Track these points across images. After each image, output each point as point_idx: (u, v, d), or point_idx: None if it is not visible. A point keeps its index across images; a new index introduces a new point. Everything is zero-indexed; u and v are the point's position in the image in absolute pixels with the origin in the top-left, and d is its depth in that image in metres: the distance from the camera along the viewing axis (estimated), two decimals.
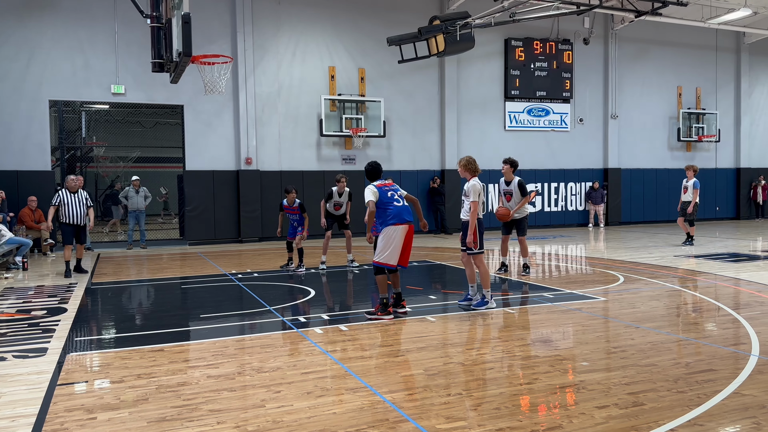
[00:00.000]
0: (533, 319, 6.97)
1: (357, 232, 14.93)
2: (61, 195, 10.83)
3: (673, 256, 12.38)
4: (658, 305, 7.66)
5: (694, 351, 5.60)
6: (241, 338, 6.38)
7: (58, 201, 10.78)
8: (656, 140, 22.28)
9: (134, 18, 13.74)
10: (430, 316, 7.11)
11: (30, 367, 5.30)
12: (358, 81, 18.10)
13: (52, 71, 15.31)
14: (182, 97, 16.27)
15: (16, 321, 7.20)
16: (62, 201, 10.75)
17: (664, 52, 22.08)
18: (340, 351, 5.67)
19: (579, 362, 5.22)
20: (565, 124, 20.79)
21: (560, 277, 9.90)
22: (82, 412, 4.18)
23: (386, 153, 18.49)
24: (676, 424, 3.83)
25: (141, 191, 15.93)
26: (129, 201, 15.84)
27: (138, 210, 15.82)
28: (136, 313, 8.13)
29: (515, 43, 19.76)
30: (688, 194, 14.23)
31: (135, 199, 15.76)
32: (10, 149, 14.99)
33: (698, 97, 22.72)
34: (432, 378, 4.83)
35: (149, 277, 10.89)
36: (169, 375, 4.99)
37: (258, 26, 17.00)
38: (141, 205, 15.83)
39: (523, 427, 3.82)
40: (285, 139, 17.43)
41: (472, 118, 19.55)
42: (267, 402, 4.34)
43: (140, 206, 15.82)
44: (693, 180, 14.12)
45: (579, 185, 20.99)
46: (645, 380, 4.69)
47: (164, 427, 3.91)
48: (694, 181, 14.14)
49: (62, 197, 10.79)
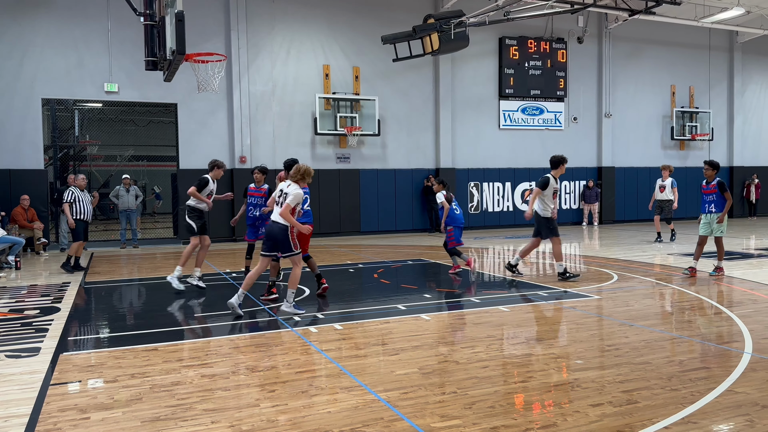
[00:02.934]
0: (528, 318, 6.98)
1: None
2: (75, 192, 11.17)
3: (667, 254, 12.42)
4: (652, 303, 7.69)
5: (687, 349, 5.62)
6: (236, 337, 6.37)
7: (73, 198, 11.10)
8: (650, 139, 22.36)
9: (128, 16, 13.68)
10: (425, 315, 7.11)
11: (23, 366, 5.28)
12: (352, 79, 18.08)
13: (45, 69, 15.23)
14: (176, 96, 16.21)
15: (9, 321, 7.16)
16: (77, 198, 11.11)
17: (658, 51, 22.15)
18: (334, 350, 5.66)
19: (573, 360, 5.24)
20: (559, 123, 20.83)
21: (554, 276, 9.92)
22: (75, 412, 4.16)
23: (381, 152, 18.48)
24: (669, 422, 3.85)
25: (132, 190, 15.75)
26: (120, 200, 15.66)
27: (129, 209, 15.67)
28: (130, 313, 8.10)
29: (509, 42, 19.78)
30: (665, 193, 14.43)
31: (126, 198, 15.58)
32: (3, 147, 14.90)
33: (691, 95, 22.81)
34: (427, 376, 4.83)
35: (143, 276, 10.85)
36: (163, 374, 4.97)
37: (252, 24, 16.95)
38: (132, 204, 15.66)
39: (518, 426, 3.83)
40: (279, 137, 17.39)
41: (466, 117, 19.56)
42: (261, 401, 4.33)
43: (131, 205, 15.65)
44: (670, 179, 14.38)
45: (573, 184, 21.04)
46: (639, 378, 4.71)
47: (158, 426, 3.90)
48: (671, 180, 14.42)
49: (76, 195, 11.14)
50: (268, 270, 7.96)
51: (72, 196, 11.10)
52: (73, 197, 11.10)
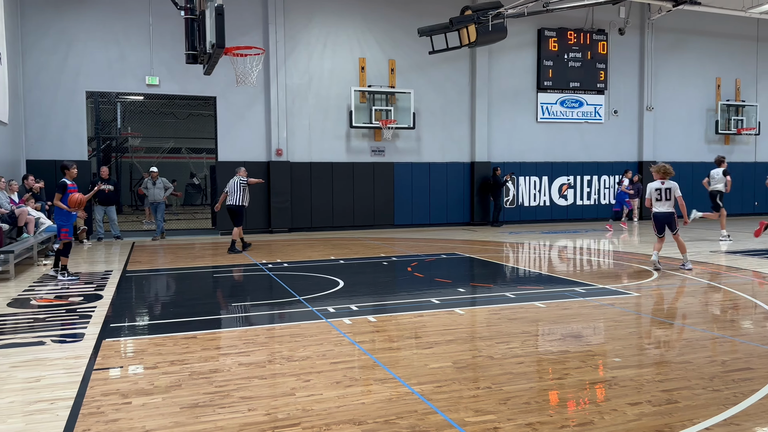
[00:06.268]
0: (564, 314, 6.89)
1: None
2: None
3: (710, 252, 12.09)
4: (693, 301, 7.50)
5: (730, 349, 5.47)
6: (272, 327, 6.46)
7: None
8: (693, 133, 21.75)
9: (168, 10, 13.94)
10: (459, 309, 7.08)
11: (68, 351, 5.45)
12: (388, 72, 18.05)
13: (88, 63, 15.62)
14: (215, 89, 16.45)
15: (54, 307, 7.41)
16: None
17: (703, 43, 21.50)
18: (368, 342, 5.69)
19: (611, 358, 5.15)
20: (599, 116, 20.44)
21: (592, 272, 9.77)
22: (117, 397, 4.28)
23: (415, 145, 18.43)
24: (711, 423, 3.75)
25: (159, 182, 15.73)
26: (147, 192, 15.77)
27: (156, 201, 15.67)
28: (170, 301, 8.28)
29: (548, 33, 19.46)
30: None
31: (152, 190, 15.59)
32: (48, 139, 15.36)
33: (738, 88, 22.09)
34: (461, 371, 4.81)
35: (182, 266, 11.08)
36: (202, 362, 5.07)
37: (289, 18, 17.06)
38: (159, 197, 15.64)
39: (553, 422, 3.79)
40: (315, 130, 17.50)
41: (503, 110, 19.35)
42: (297, 390, 4.38)
43: (158, 198, 15.63)
44: None
45: (612, 178, 20.64)
46: (679, 378, 4.60)
47: (196, 412, 3.98)
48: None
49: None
50: None
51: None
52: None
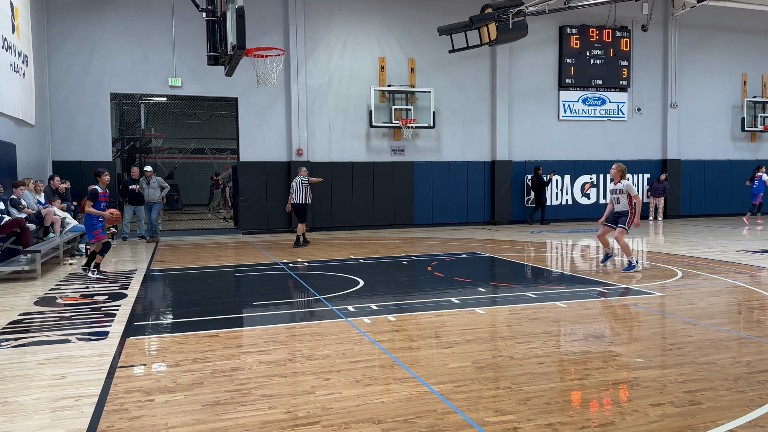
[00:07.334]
0: (586, 314, 6.83)
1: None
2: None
3: (735, 251, 11.89)
4: (718, 302, 7.38)
5: (756, 350, 5.37)
6: (292, 326, 6.50)
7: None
8: (718, 130, 21.38)
9: (190, 12, 14.09)
10: (479, 309, 7.06)
11: (92, 349, 5.55)
12: (408, 71, 18.04)
13: (112, 65, 15.87)
14: (236, 90, 16.61)
15: (80, 305, 7.54)
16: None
17: (728, 39, 21.11)
18: (388, 341, 5.70)
19: (633, 359, 5.09)
20: (622, 114, 20.19)
21: (615, 271, 9.66)
22: (140, 394, 4.35)
23: (435, 144, 18.39)
24: (735, 425, 3.69)
25: (154, 182, 15.37)
26: (143, 192, 15.36)
27: (151, 202, 15.30)
28: (192, 300, 8.37)
29: (570, 31, 19.28)
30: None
31: (147, 191, 15.26)
32: (74, 140, 15.65)
33: (764, 85, 21.66)
34: (480, 371, 4.80)
35: (204, 265, 11.20)
36: (223, 360, 5.13)
37: (309, 18, 17.14)
38: (154, 197, 15.30)
39: (574, 423, 3.76)
40: (335, 130, 17.56)
41: (524, 108, 19.22)
42: (317, 389, 4.41)
43: (153, 198, 15.29)
44: None
45: (636, 177, 20.38)
46: (703, 378, 4.53)
47: (218, 410, 4.03)
48: None
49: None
50: None
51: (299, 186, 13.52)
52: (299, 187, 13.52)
